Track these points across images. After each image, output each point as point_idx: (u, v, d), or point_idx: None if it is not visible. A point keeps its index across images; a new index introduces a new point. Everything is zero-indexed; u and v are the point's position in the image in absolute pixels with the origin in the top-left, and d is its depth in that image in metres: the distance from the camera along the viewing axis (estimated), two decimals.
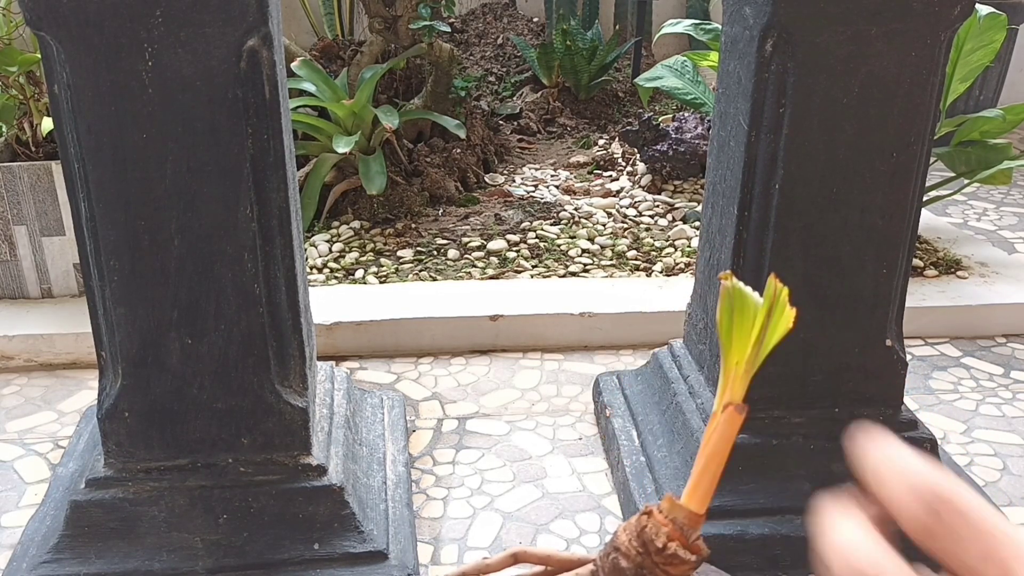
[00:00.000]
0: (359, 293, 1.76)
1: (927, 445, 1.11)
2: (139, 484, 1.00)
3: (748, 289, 0.36)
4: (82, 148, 0.88)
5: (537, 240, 2.03)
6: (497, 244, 1.99)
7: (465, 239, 2.01)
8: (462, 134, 2.22)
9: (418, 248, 1.98)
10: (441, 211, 2.17)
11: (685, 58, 2.20)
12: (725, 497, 1.07)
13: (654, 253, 1.98)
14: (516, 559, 0.42)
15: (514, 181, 2.42)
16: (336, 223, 2.10)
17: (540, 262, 1.93)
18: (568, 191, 2.36)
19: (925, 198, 1.37)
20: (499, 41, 3.18)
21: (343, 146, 1.90)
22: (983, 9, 1.78)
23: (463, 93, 2.35)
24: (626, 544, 0.42)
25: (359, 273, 1.87)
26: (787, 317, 0.34)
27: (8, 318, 1.65)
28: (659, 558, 0.40)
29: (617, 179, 2.44)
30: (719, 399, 0.38)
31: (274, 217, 0.95)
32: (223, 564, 1.00)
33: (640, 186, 2.34)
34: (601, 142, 2.72)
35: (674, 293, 1.73)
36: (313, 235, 2.04)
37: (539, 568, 0.49)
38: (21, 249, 1.69)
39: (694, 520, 0.41)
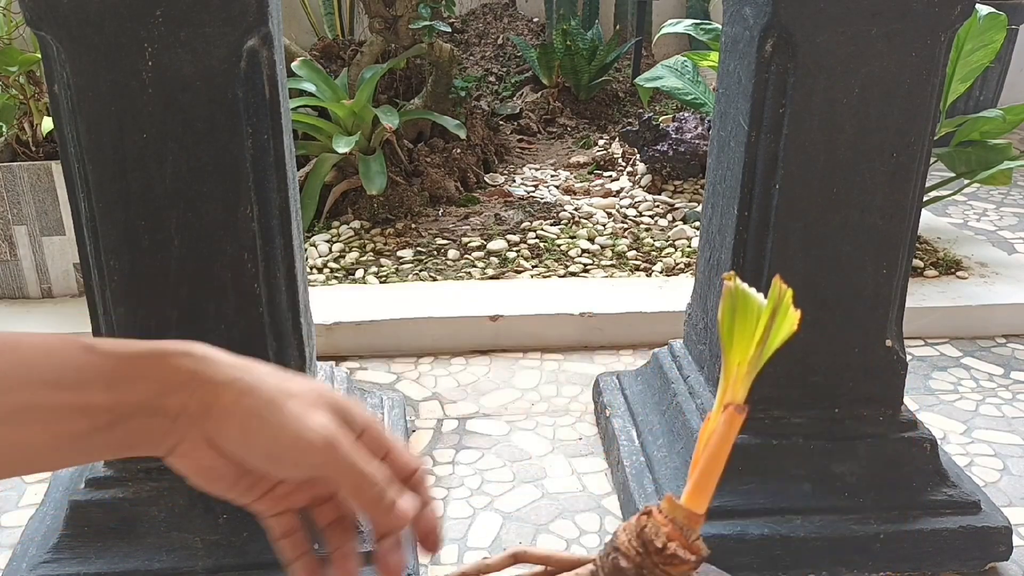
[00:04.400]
0: (359, 293, 1.76)
1: (927, 445, 1.11)
2: (139, 484, 1.00)
3: (751, 290, 0.36)
4: (82, 148, 0.88)
5: (537, 240, 2.03)
6: (497, 244, 1.99)
7: (465, 239, 2.01)
8: (462, 134, 2.22)
9: (418, 248, 1.98)
10: (441, 211, 2.17)
11: (685, 58, 2.20)
12: (725, 497, 1.07)
13: (654, 253, 1.98)
14: (516, 559, 0.42)
15: (514, 181, 2.42)
16: (336, 223, 2.10)
17: (540, 262, 1.93)
18: (568, 191, 2.36)
19: (925, 198, 1.37)
20: (499, 41, 3.18)
21: (343, 146, 1.90)
22: (983, 9, 1.78)
23: (463, 93, 2.35)
24: (626, 544, 0.42)
25: (359, 273, 1.87)
26: (791, 319, 0.34)
27: (8, 318, 1.65)
28: (659, 558, 0.40)
29: (617, 179, 2.44)
30: (719, 399, 0.38)
31: (274, 217, 0.95)
32: (223, 564, 1.00)
33: (640, 186, 2.34)
34: (601, 142, 2.72)
35: (674, 293, 1.73)
36: (313, 235, 2.04)
37: (539, 568, 0.49)
38: (21, 249, 1.69)
39: (694, 520, 0.41)
